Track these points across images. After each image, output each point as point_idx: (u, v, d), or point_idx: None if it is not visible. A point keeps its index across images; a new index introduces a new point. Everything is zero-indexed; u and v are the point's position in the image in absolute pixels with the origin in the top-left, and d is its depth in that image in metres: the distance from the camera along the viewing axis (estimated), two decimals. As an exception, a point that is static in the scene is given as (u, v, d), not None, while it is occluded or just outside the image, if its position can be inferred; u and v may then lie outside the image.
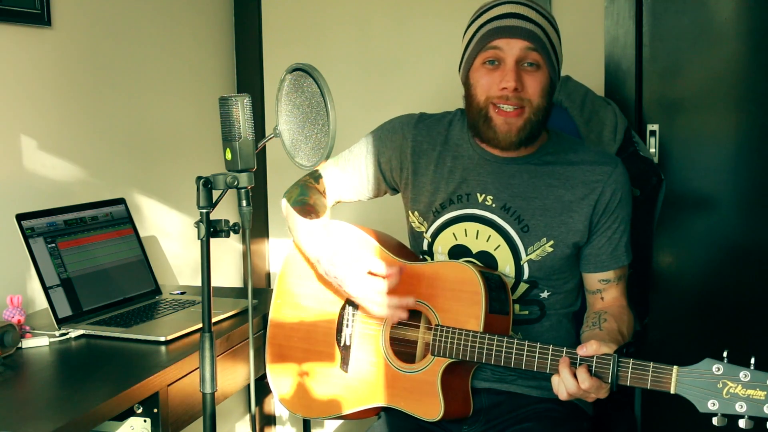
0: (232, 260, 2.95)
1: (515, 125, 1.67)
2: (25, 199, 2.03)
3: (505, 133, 1.68)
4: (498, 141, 1.70)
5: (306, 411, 1.84)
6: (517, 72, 1.65)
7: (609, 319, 1.69)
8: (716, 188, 2.46)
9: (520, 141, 1.69)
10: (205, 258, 1.39)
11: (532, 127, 1.68)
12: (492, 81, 1.67)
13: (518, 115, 1.67)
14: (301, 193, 1.86)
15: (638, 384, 1.46)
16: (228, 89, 2.90)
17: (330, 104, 1.39)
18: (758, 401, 1.36)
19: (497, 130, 1.68)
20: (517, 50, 1.65)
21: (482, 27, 1.69)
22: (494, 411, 1.75)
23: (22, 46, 2.05)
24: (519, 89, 1.65)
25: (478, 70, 1.70)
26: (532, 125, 1.68)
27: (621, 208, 1.76)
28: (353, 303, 1.80)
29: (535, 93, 1.66)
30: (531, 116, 1.67)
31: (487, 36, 1.67)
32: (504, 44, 1.65)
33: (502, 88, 1.65)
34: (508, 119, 1.67)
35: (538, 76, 1.67)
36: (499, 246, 1.75)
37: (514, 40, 1.65)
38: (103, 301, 2.01)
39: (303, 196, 1.85)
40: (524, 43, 1.65)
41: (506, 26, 1.66)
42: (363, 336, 1.79)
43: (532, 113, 1.67)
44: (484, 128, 1.70)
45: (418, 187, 1.83)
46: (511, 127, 1.67)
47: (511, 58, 1.65)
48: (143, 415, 1.64)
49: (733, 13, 2.42)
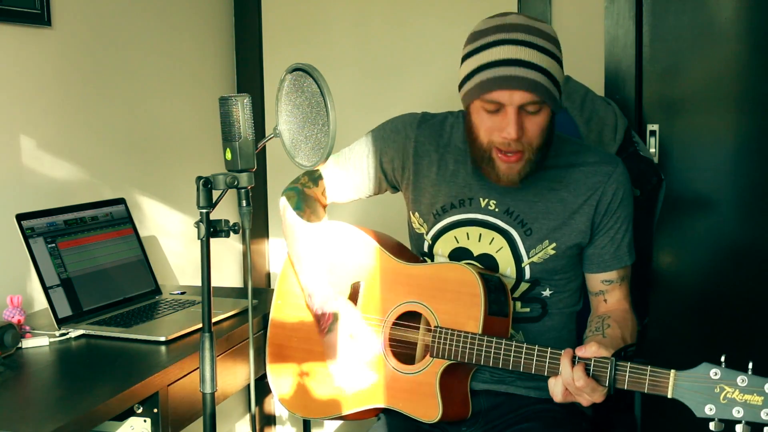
0: (232, 260, 2.95)
1: (516, 168, 1.67)
2: (25, 199, 2.03)
3: (507, 175, 1.68)
4: (500, 181, 1.70)
5: (306, 411, 1.84)
6: (519, 120, 1.61)
7: (613, 324, 1.68)
8: (716, 188, 2.46)
9: (522, 179, 1.69)
10: (205, 258, 1.39)
11: (532, 165, 1.67)
12: (493, 126, 1.64)
13: (518, 159, 1.66)
14: (297, 206, 1.85)
15: (635, 388, 1.46)
16: (228, 89, 2.90)
17: (330, 104, 1.39)
18: (755, 407, 1.35)
19: (500, 173, 1.68)
20: (519, 101, 1.60)
21: (481, 71, 1.62)
22: (493, 412, 1.75)
23: (22, 46, 2.05)
24: (520, 136, 1.62)
25: (479, 113, 1.66)
26: (532, 164, 1.67)
27: (623, 207, 1.76)
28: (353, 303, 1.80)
29: (534, 135, 1.64)
30: (531, 157, 1.66)
31: (487, 85, 1.61)
32: (506, 96, 1.60)
33: (504, 136, 1.63)
34: (510, 164, 1.66)
35: (538, 119, 1.63)
36: (501, 248, 1.75)
37: (515, 91, 1.60)
38: (103, 301, 2.01)
39: (298, 210, 1.84)
40: (527, 94, 1.60)
41: (507, 76, 1.59)
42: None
43: (531, 154, 1.66)
44: (487, 169, 1.70)
45: (420, 189, 1.83)
46: (512, 170, 1.67)
47: (512, 108, 1.61)
48: (143, 415, 1.64)
49: (733, 13, 2.42)
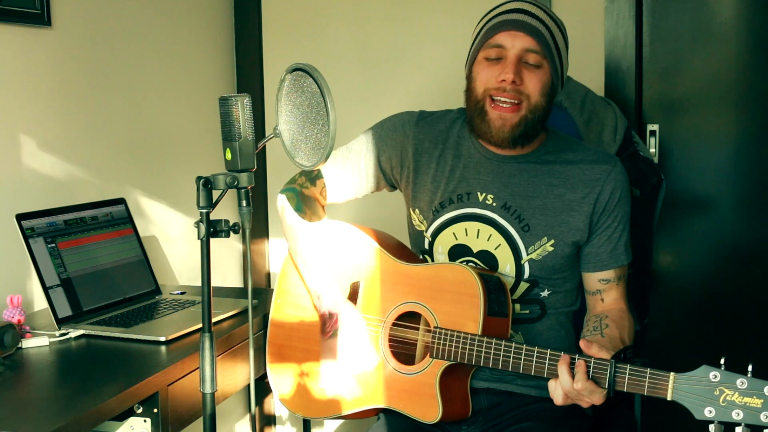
0: (232, 260, 2.94)
1: (510, 121, 1.66)
2: (25, 199, 2.03)
3: (498, 128, 1.67)
4: (491, 135, 1.69)
5: (306, 410, 1.84)
6: (518, 66, 1.64)
7: (611, 324, 1.68)
8: (716, 188, 2.46)
9: (514, 138, 1.68)
10: (205, 258, 1.39)
11: (527, 125, 1.67)
12: (491, 74, 1.67)
13: (514, 110, 1.66)
14: (298, 207, 1.85)
15: (635, 390, 1.46)
16: (228, 89, 2.90)
17: (330, 104, 1.39)
18: (755, 409, 1.35)
19: (491, 125, 1.67)
20: (519, 46, 1.64)
21: (489, 22, 1.70)
22: (493, 411, 1.75)
23: (22, 46, 2.05)
24: (518, 83, 1.64)
25: (480, 63, 1.69)
26: (527, 123, 1.67)
27: (620, 207, 1.76)
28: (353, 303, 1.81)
29: (534, 89, 1.65)
30: (527, 114, 1.66)
31: (492, 29, 1.67)
32: (507, 39, 1.65)
33: (501, 80, 1.64)
34: (503, 114, 1.66)
35: (538, 74, 1.66)
36: (500, 245, 1.75)
37: (517, 33, 1.64)
38: (103, 301, 2.01)
39: (299, 211, 1.84)
40: (527, 39, 1.64)
41: (511, 20, 1.66)
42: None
43: (529, 110, 1.66)
44: (478, 121, 1.69)
45: (419, 186, 1.83)
46: (505, 123, 1.66)
47: (513, 53, 1.65)
48: (143, 415, 1.64)
49: (733, 13, 2.42)
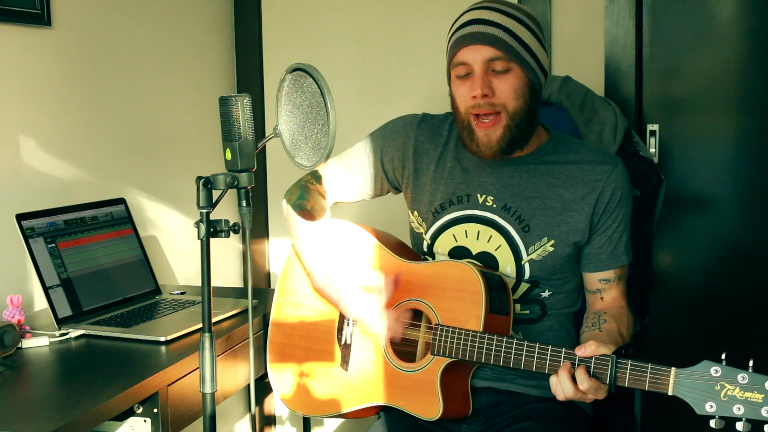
0: (232, 260, 2.94)
1: (494, 135, 1.67)
2: (25, 199, 2.03)
3: (485, 144, 1.68)
4: (481, 153, 1.70)
5: (306, 409, 1.85)
6: (485, 79, 1.64)
7: (609, 319, 1.69)
8: (716, 188, 2.46)
9: (503, 149, 1.68)
10: (205, 258, 1.39)
11: (512, 132, 1.67)
12: (465, 92, 1.67)
13: (495, 123, 1.66)
14: (300, 196, 1.85)
15: (636, 385, 1.46)
16: (228, 89, 2.90)
17: (330, 104, 1.39)
18: (756, 404, 1.35)
19: (479, 143, 1.69)
20: (481, 59, 1.64)
21: (451, 38, 1.70)
22: (494, 410, 1.75)
23: (22, 46, 2.05)
24: (489, 95, 1.64)
25: (455, 82, 1.70)
26: (511, 130, 1.67)
27: (621, 207, 1.76)
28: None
29: (508, 96, 1.65)
30: (509, 122, 1.66)
31: (454, 46, 1.68)
32: (469, 55, 1.64)
33: (473, 96, 1.65)
34: (487, 131, 1.67)
35: (509, 78, 1.65)
36: (500, 246, 1.75)
37: (477, 47, 1.63)
38: (103, 301, 2.01)
39: (302, 200, 1.85)
40: (487, 49, 1.63)
41: (468, 34, 1.65)
42: (363, 335, 1.79)
43: (509, 118, 1.66)
44: (467, 141, 1.71)
45: (419, 187, 1.83)
46: (491, 138, 1.67)
47: (478, 67, 1.64)
48: (143, 415, 1.64)
49: (733, 13, 2.42)
